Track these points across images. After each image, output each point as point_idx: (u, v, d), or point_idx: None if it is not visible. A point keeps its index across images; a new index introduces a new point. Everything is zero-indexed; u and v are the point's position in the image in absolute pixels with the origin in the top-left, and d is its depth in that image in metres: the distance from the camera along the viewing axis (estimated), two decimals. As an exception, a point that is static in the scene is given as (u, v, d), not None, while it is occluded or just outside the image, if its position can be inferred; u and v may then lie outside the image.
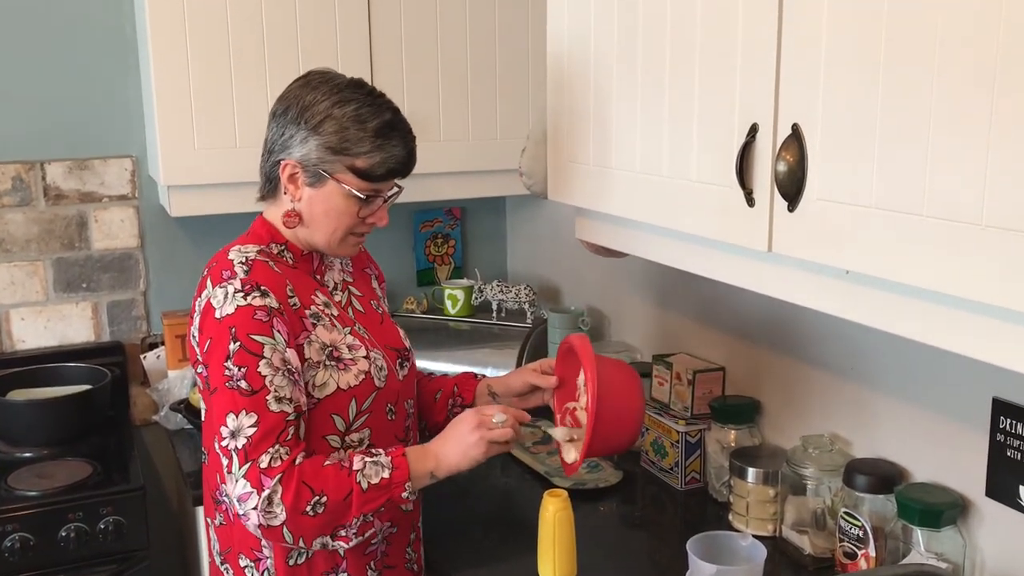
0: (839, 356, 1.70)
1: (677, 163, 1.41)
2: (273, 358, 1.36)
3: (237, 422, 1.34)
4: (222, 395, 1.36)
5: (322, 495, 1.34)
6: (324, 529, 1.36)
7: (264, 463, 1.33)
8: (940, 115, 0.97)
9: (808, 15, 1.13)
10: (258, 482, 1.32)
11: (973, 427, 1.44)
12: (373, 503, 1.36)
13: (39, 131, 2.41)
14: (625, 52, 1.50)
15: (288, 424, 1.35)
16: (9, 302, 2.44)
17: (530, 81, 2.41)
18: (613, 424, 1.48)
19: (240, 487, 1.33)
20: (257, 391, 1.34)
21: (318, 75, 1.47)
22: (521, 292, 2.51)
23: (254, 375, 1.35)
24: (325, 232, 1.47)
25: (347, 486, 1.35)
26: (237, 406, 1.34)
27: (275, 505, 1.32)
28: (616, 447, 1.56)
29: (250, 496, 1.32)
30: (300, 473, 1.34)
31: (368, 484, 1.36)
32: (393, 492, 1.38)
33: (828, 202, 1.12)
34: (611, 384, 1.48)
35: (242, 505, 1.33)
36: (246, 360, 1.35)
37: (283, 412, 1.35)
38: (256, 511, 1.32)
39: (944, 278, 0.99)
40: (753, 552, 1.42)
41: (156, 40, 2.07)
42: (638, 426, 1.52)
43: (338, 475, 1.36)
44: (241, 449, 1.33)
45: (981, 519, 1.44)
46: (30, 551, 1.98)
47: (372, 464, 1.38)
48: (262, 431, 1.33)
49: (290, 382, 1.37)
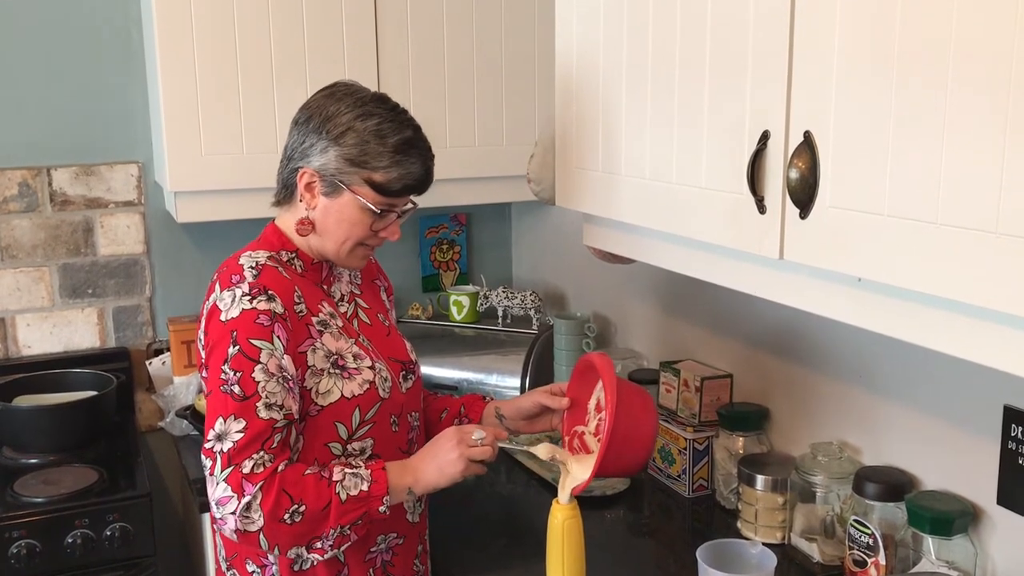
0: (848, 363, 1.69)
1: (687, 170, 1.40)
2: (269, 364, 1.37)
3: (225, 426, 1.35)
4: (215, 398, 1.37)
5: (301, 504, 1.34)
6: (300, 539, 1.36)
7: (247, 468, 1.33)
8: (953, 122, 0.97)
9: (820, 21, 1.12)
10: (239, 487, 1.32)
11: (984, 435, 1.44)
12: (350, 515, 1.36)
13: (45, 137, 2.41)
14: (634, 58, 1.50)
15: (275, 431, 1.36)
16: (15, 308, 2.44)
17: (537, 87, 2.42)
18: (624, 447, 1.44)
19: (220, 490, 1.33)
20: (248, 397, 1.35)
21: (343, 87, 1.48)
22: (527, 298, 2.50)
23: (248, 380, 1.35)
24: (336, 242, 1.48)
25: (326, 496, 1.35)
26: (227, 410, 1.35)
27: (253, 511, 1.32)
28: (623, 471, 1.53)
29: (230, 500, 1.33)
30: (281, 481, 1.34)
31: (347, 496, 1.36)
32: (371, 505, 1.38)
33: (840, 209, 1.12)
34: (629, 408, 1.44)
35: (220, 509, 1.33)
36: (242, 365, 1.36)
37: (271, 419, 1.35)
38: (234, 516, 1.32)
39: (957, 286, 0.99)
40: (763, 560, 1.41)
41: (164, 46, 2.08)
42: (648, 453, 1.49)
43: (318, 485, 1.36)
44: (225, 453, 1.34)
45: (992, 527, 1.43)
46: (36, 558, 1.97)
47: (352, 476, 1.38)
48: (248, 437, 1.34)
49: (284, 389, 1.37)
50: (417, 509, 1.58)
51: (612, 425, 1.40)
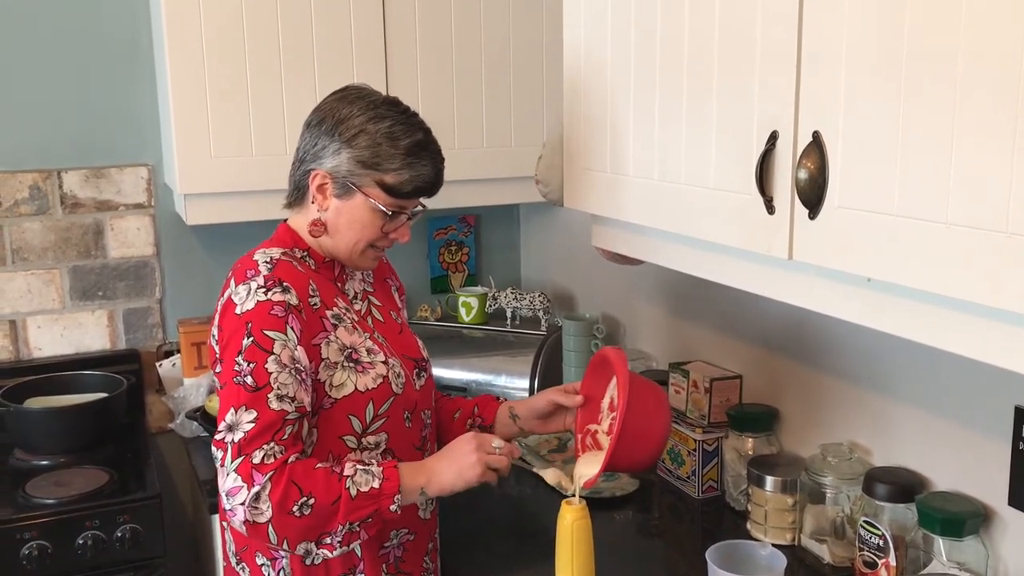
0: (857, 364, 1.69)
1: (695, 170, 1.40)
2: (282, 355, 1.37)
3: (236, 416, 1.35)
4: (228, 390, 1.37)
5: (310, 496, 1.34)
6: (309, 533, 1.35)
7: (257, 459, 1.33)
8: (963, 120, 0.96)
9: (829, 20, 1.12)
10: (249, 477, 1.33)
11: (995, 436, 1.43)
12: (360, 511, 1.36)
13: (56, 140, 2.42)
14: (642, 59, 1.50)
15: (286, 423, 1.36)
16: (26, 310, 2.45)
17: (544, 88, 2.42)
18: (634, 443, 1.45)
19: (231, 481, 1.33)
20: (260, 388, 1.35)
21: (355, 90, 1.50)
22: (535, 299, 2.50)
23: (260, 371, 1.36)
24: (347, 243, 1.49)
25: (336, 491, 1.35)
26: (239, 401, 1.36)
27: (262, 502, 1.32)
28: (635, 465, 1.53)
29: (239, 491, 1.33)
30: (291, 472, 1.34)
31: (357, 491, 1.36)
32: (381, 503, 1.37)
33: (850, 210, 1.12)
34: (642, 401, 1.45)
35: (230, 499, 1.34)
36: (256, 356, 1.36)
37: (283, 410, 1.36)
38: (243, 507, 1.32)
39: (967, 286, 0.98)
40: (773, 561, 1.41)
41: (173, 49, 2.09)
42: (660, 449, 1.50)
43: (328, 479, 1.36)
44: (236, 443, 1.34)
45: (1004, 528, 1.42)
46: (48, 559, 1.98)
47: (363, 472, 1.38)
48: (259, 427, 1.34)
49: (296, 381, 1.38)
50: (429, 507, 1.59)
51: (623, 419, 1.41)
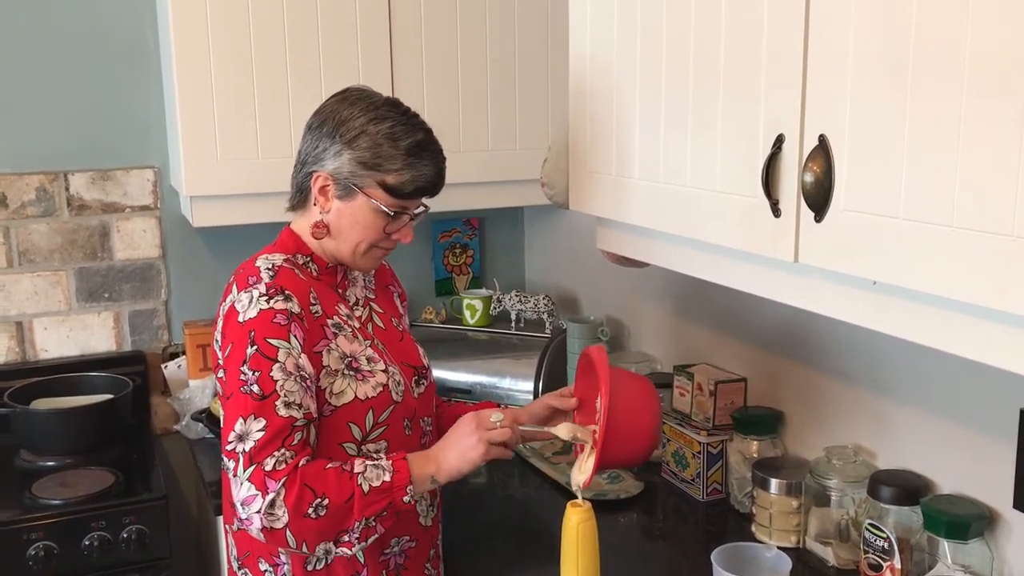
0: (862, 366, 1.69)
1: (701, 173, 1.41)
2: (287, 363, 1.38)
3: (245, 426, 1.35)
4: (235, 400, 1.38)
5: (324, 497, 1.34)
6: (326, 534, 1.36)
7: (269, 466, 1.34)
8: (969, 124, 0.97)
9: (835, 23, 1.12)
10: (262, 484, 1.33)
11: (1000, 438, 1.43)
12: (375, 506, 1.37)
13: (62, 142, 2.43)
14: (648, 61, 1.51)
15: (295, 429, 1.37)
16: (32, 311, 2.46)
17: (549, 91, 2.42)
18: (624, 435, 1.45)
19: (245, 490, 1.34)
20: (267, 396, 1.36)
21: (356, 92, 1.50)
22: (540, 302, 2.51)
23: (266, 379, 1.36)
24: (350, 244, 1.50)
25: (348, 489, 1.36)
26: (247, 410, 1.36)
27: (277, 507, 1.33)
28: (629, 459, 1.53)
29: (254, 499, 1.33)
30: (303, 475, 1.35)
31: (369, 487, 1.37)
32: (395, 495, 1.38)
33: (856, 213, 1.12)
34: (626, 394, 1.46)
35: (246, 508, 1.34)
36: (260, 364, 1.37)
37: (291, 417, 1.36)
38: (259, 514, 1.33)
39: (973, 289, 0.98)
40: (778, 564, 1.41)
41: (180, 52, 2.09)
42: (652, 439, 1.50)
43: (339, 478, 1.36)
44: (247, 452, 1.34)
45: (1009, 531, 1.42)
46: (54, 560, 1.99)
47: (373, 468, 1.39)
48: (269, 435, 1.35)
49: (302, 388, 1.38)
50: (430, 513, 1.59)
51: (607, 414, 1.42)
